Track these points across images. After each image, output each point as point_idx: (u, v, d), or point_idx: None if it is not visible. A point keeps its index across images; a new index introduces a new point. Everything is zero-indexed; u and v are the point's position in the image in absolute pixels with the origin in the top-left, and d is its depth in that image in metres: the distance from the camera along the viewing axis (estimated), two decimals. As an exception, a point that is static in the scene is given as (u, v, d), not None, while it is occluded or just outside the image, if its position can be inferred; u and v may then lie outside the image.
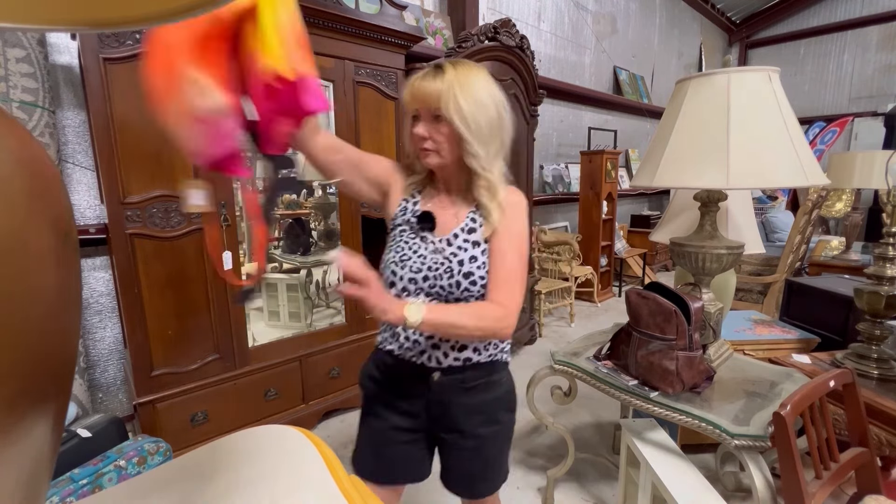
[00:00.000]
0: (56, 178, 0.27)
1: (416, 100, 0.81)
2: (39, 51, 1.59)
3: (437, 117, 0.80)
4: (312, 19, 1.80)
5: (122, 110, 1.48)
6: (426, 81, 0.79)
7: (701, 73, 1.25)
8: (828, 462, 1.03)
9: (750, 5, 7.36)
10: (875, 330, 1.39)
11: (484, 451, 0.92)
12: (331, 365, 2.15)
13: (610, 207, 4.14)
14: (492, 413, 0.92)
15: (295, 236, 2.51)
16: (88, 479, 1.23)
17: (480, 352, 0.89)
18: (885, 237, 1.35)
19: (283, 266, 2.48)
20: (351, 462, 0.96)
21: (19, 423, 0.21)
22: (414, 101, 0.82)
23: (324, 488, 0.49)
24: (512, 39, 2.63)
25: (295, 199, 2.55)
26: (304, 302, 2.42)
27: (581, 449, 1.83)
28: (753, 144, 1.14)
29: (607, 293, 4.35)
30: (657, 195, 6.27)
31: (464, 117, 0.78)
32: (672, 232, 1.68)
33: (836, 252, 3.13)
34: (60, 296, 0.25)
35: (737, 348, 1.71)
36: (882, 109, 6.24)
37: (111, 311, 1.98)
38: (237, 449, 0.57)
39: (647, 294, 1.23)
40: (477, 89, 0.80)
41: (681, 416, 1.15)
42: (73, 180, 1.84)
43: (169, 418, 1.69)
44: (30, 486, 0.23)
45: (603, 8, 4.88)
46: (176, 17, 0.29)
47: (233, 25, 0.67)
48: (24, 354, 0.21)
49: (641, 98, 5.56)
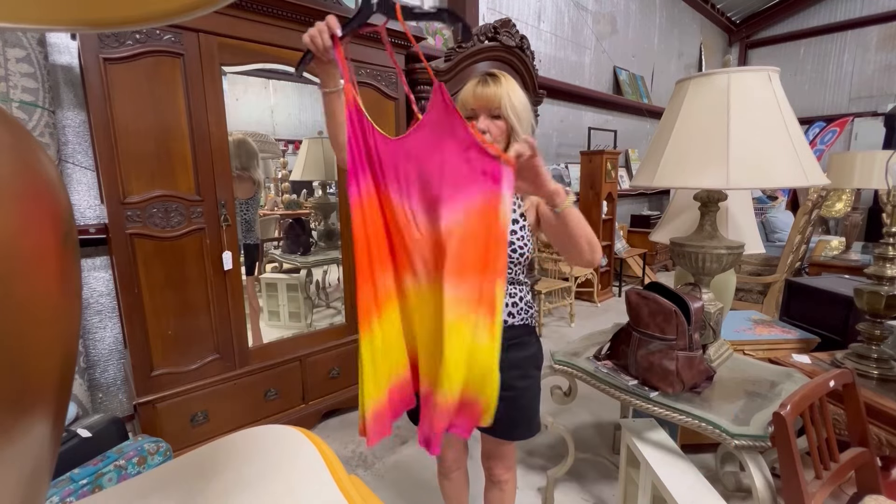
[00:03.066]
0: (56, 178, 0.27)
1: (478, 102, 0.98)
2: (39, 51, 1.59)
3: (496, 115, 0.97)
4: (312, 19, 1.79)
5: (122, 110, 1.48)
6: (487, 88, 0.97)
7: (701, 73, 1.25)
8: (828, 462, 1.03)
9: (750, 5, 7.36)
10: (875, 330, 1.39)
11: (521, 401, 1.07)
12: (331, 365, 2.15)
13: (610, 207, 4.14)
14: (526, 368, 1.07)
15: (295, 236, 2.51)
16: (88, 479, 1.23)
17: (514, 315, 1.06)
18: (885, 237, 1.35)
19: (283, 266, 2.48)
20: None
21: (19, 423, 0.21)
22: (475, 103, 0.98)
23: (324, 488, 0.49)
24: (512, 39, 2.63)
25: (295, 198, 2.55)
26: (304, 302, 2.42)
27: (581, 449, 1.83)
28: (753, 144, 1.14)
29: (607, 293, 4.35)
30: (657, 195, 6.27)
31: (517, 114, 0.98)
32: (672, 232, 1.68)
33: (836, 252, 3.13)
34: (60, 295, 0.25)
35: (737, 348, 1.71)
36: (882, 109, 6.23)
37: (111, 311, 1.98)
38: (237, 449, 0.57)
39: (647, 294, 1.23)
40: (520, 93, 0.99)
41: (681, 416, 1.15)
42: (73, 180, 1.84)
43: (169, 418, 1.69)
44: (30, 485, 0.23)
45: (603, 8, 4.88)
46: (176, 16, 0.29)
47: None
48: (24, 354, 0.21)
49: (641, 98, 5.55)
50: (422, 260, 0.80)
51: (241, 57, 1.73)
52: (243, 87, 2.11)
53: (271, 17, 1.74)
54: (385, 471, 1.82)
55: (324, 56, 0.81)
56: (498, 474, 1.17)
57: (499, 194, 0.72)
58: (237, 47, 1.70)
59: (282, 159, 2.45)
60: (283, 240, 2.53)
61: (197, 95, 1.63)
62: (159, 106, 1.56)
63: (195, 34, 1.59)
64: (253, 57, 1.76)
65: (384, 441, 1.97)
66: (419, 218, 0.80)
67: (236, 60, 1.72)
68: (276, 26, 1.76)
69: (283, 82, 2.15)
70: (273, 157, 2.41)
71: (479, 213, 0.74)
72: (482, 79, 0.99)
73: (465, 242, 0.74)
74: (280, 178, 2.49)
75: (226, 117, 1.71)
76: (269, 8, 1.71)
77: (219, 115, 1.69)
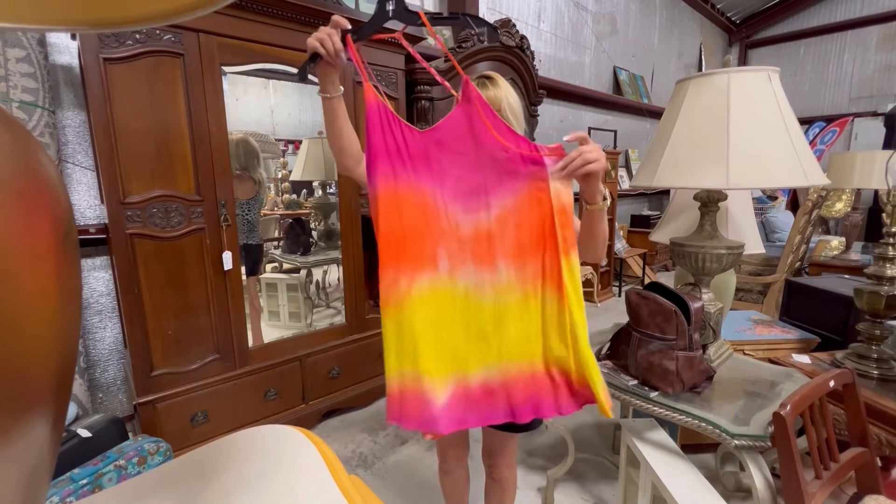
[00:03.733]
0: (56, 178, 0.27)
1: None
2: (39, 51, 1.59)
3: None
4: (312, 19, 1.80)
5: (122, 110, 1.48)
6: (488, 91, 0.99)
7: (701, 73, 1.25)
8: (828, 462, 1.03)
9: (750, 5, 7.36)
10: (875, 330, 1.39)
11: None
12: (331, 365, 2.15)
13: (610, 207, 4.13)
14: None
15: (295, 236, 2.51)
16: (88, 479, 1.23)
17: None
18: (885, 237, 1.35)
19: (283, 266, 2.48)
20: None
21: (19, 424, 0.21)
22: None
23: (324, 488, 0.49)
24: (512, 39, 2.63)
25: (295, 198, 2.56)
26: (304, 302, 2.42)
27: (581, 449, 1.83)
28: (753, 144, 1.14)
29: (607, 293, 4.35)
30: (657, 195, 6.27)
31: (515, 114, 1.01)
32: (672, 232, 1.68)
33: (836, 252, 3.13)
34: (60, 295, 0.25)
35: (737, 348, 1.71)
36: (882, 109, 6.23)
37: (111, 311, 1.98)
38: (237, 449, 0.57)
39: (647, 294, 1.23)
40: (514, 93, 1.03)
41: (681, 416, 1.15)
42: (73, 180, 1.84)
43: (169, 418, 1.69)
44: (30, 485, 0.23)
45: (603, 8, 4.87)
46: (176, 17, 0.29)
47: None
48: (24, 354, 0.21)
49: (641, 98, 5.55)
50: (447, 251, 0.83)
51: (241, 57, 1.73)
52: (243, 87, 2.11)
53: (271, 17, 1.74)
54: (385, 471, 1.82)
55: (334, 60, 0.81)
56: (499, 472, 1.17)
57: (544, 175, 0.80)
58: (237, 47, 1.70)
59: (282, 159, 2.46)
60: (283, 240, 2.53)
61: (197, 95, 1.63)
62: (159, 106, 1.56)
63: (195, 34, 1.59)
64: (253, 57, 1.76)
65: (384, 441, 1.97)
66: (450, 207, 0.83)
67: (236, 60, 1.72)
68: (276, 26, 1.77)
69: (283, 82, 2.15)
70: (273, 157, 2.41)
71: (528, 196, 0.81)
72: (480, 82, 1.01)
73: (521, 226, 0.82)
74: (280, 178, 2.49)
75: (226, 117, 1.71)
76: (269, 8, 1.71)
77: (219, 115, 1.69)
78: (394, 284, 0.83)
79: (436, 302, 0.84)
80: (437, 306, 0.84)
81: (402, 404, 0.83)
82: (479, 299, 0.84)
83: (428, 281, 0.84)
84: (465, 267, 0.84)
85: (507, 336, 0.84)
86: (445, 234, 0.83)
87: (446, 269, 0.84)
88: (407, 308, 0.83)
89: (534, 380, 0.84)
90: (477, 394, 0.84)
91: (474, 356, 0.85)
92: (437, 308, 0.84)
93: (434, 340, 0.84)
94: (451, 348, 0.84)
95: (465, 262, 0.84)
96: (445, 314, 0.84)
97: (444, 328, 0.84)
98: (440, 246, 0.83)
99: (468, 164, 0.82)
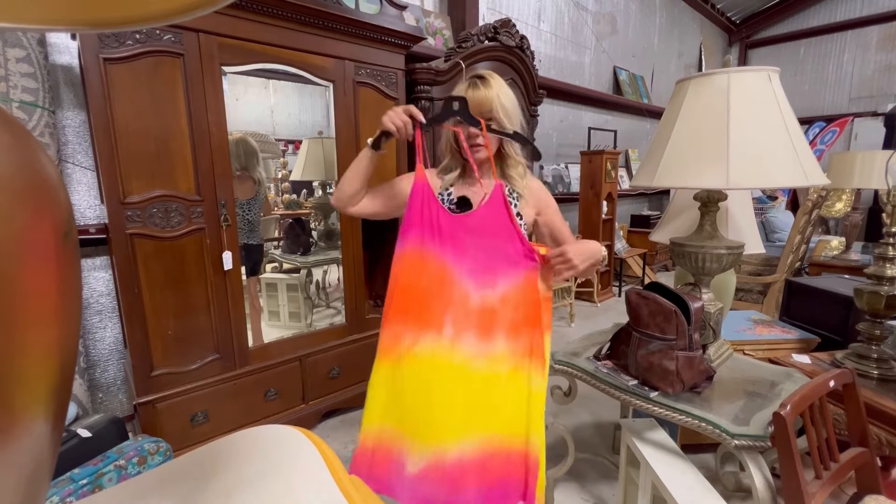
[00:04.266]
0: (56, 178, 0.27)
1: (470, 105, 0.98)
2: (39, 51, 1.59)
3: (487, 117, 0.98)
4: (312, 19, 1.80)
5: (122, 110, 1.48)
6: (478, 91, 0.98)
7: (701, 73, 1.25)
8: (828, 462, 1.03)
9: (750, 5, 7.36)
10: (875, 330, 1.39)
11: None
12: (331, 365, 2.15)
13: (610, 207, 4.14)
14: None
15: (295, 236, 2.51)
16: (88, 479, 1.23)
17: None
18: (885, 237, 1.35)
19: (284, 266, 2.48)
20: None
21: (19, 424, 0.21)
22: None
23: (324, 488, 0.49)
24: (512, 39, 2.63)
25: (295, 198, 2.55)
26: (304, 302, 2.42)
27: (581, 449, 1.83)
28: (753, 144, 1.14)
29: (607, 293, 4.35)
30: (657, 195, 6.27)
31: (507, 114, 0.99)
32: (672, 232, 1.68)
33: (836, 252, 3.13)
34: (60, 295, 0.25)
35: (737, 348, 1.71)
36: (882, 109, 6.23)
37: (111, 311, 1.98)
38: (237, 449, 0.57)
39: (647, 294, 1.23)
40: (509, 92, 1.00)
41: (681, 416, 1.15)
42: (73, 180, 1.84)
43: (169, 418, 1.69)
44: (30, 485, 0.23)
45: (603, 8, 4.87)
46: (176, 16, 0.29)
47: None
48: (24, 354, 0.21)
49: (641, 98, 5.55)
50: (453, 319, 0.92)
51: (241, 57, 1.73)
52: (243, 87, 2.11)
53: (271, 17, 1.74)
54: (385, 471, 1.82)
55: (403, 139, 0.95)
56: None
57: (536, 270, 0.95)
58: (237, 47, 1.70)
59: (282, 159, 2.45)
60: (283, 240, 2.52)
61: (197, 95, 1.63)
62: (159, 106, 1.56)
63: (195, 34, 1.59)
64: (253, 57, 1.76)
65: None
66: (464, 280, 0.94)
67: (236, 60, 1.72)
68: (276, 26, 1.76)
69: (283, 82, 2.15)
70: (273, 157, 2.41)
71: (525, 284, 0.94)
72: (472, 82, 1.00)
73: (518, 307, 0.93)
74: (280, 178, 2.49)
75: (226, 117, 1.71)
76: (269, 8, 1.71)
77: (219, 115, 1.69)
78: (398, 338, 0.91)
79: (433, 365, 0.90)
80: (433, 370, 0.90)
81: (373, 462, 0.88)
82: (473, 368, 0.90)
83: (431, 342, 0.90)
84: (467, 335, 0.91)
85: (494, 404, 0.90)
86: (455, 302, 0.92)
87: (449, 336, 0.91)
88: (406, 365, 0.90)
89: (508, 460, 0.88)
90: (451, 471, 0.86)
91: (458, 427, 0.88)
92: (433, 372, 0.90)
93: (423, 405, 0.89)
94: (437, 415, 0.88)
95: (468, 330, 0.91)
96: (439, 379, 0.89)
97: (435, 394, 0.89)
98: (448, 312, 0.91)
99: (487, 249, 0.95)
